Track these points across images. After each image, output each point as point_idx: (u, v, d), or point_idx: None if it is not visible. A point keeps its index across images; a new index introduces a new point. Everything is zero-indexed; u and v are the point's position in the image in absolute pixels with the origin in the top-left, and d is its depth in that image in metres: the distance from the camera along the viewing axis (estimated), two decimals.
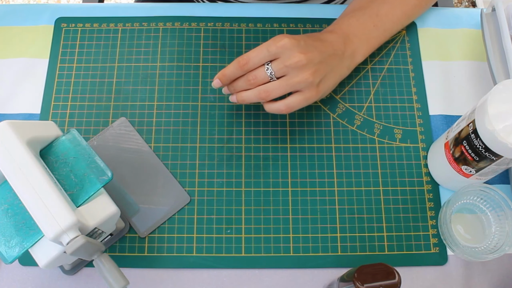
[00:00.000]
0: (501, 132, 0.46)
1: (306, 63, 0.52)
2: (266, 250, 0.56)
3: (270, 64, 0.52)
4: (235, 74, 0.54)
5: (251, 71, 0.53)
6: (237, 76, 0.54)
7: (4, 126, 0.45)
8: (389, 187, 0.60)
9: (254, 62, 0.52)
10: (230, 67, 0.54)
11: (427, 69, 0.66)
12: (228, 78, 0.54)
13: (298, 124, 0.62)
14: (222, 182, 0.59)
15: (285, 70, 0.52)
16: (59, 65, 0.64)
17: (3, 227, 0.46)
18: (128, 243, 0.56)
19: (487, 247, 0.56)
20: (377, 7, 0.61)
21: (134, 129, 0.61)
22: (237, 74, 0.54)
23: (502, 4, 0.60)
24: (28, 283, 0.54)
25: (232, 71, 0.54)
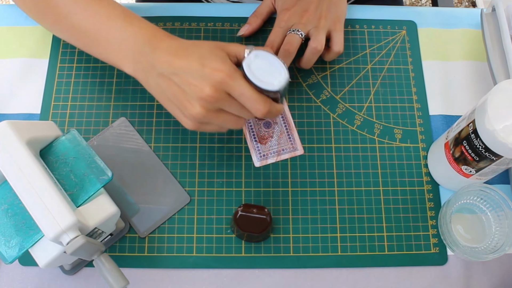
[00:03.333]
0: (501, 132, 0.46)
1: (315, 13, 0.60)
2: (266, 250, 0.56)
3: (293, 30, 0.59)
4: None
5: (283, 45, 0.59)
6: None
7: (4, 126, 0.45)
8: (389, 187, 0.60)
9: (278, 41, 0.59)
10: None
11: (427, 69, 0.66)
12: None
13: (298, 124, 0.62)
14: (222, 182, 0.59)
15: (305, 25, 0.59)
16: (59, 65, 0.64)
17: (3, 227, 0.46)
18: (128, 243, 0.56)
19: (487, 247, 0.56)
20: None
21: (134, 129, 0.61)
22: None
23: (502, 4, 0.60)
24: (28, 283, 0.54)
25: None
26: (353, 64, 0.66)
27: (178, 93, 0.46)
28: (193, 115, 0.46)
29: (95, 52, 0.54)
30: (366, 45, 0.67)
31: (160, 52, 0.48)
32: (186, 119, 0.48)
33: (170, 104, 0.49)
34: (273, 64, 0.46)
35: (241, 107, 0.47)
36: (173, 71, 0.46)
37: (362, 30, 0.68)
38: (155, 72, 0.48)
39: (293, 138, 0.56)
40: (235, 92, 0.45)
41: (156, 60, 0.47)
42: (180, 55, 0.46)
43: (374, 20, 0.68)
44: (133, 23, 0.51)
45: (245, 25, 0.65)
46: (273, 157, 0.58)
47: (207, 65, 0.45)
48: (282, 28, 0.60)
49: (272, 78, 0.46)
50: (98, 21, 0.52)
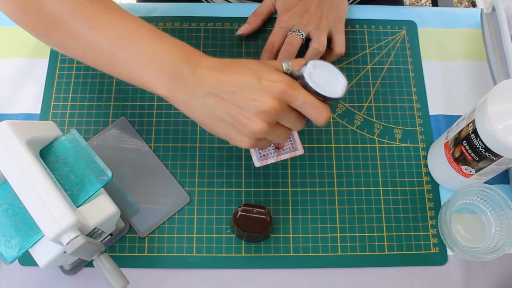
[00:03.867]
0: (501, 132, 0.46)
1: (315, 14, 0.61)
2: (266, 250, 0.56)
3: (293, 31, 0.60)
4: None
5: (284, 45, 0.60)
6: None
7: (4, 126, 0.45)
8: (389, 187, 0.60)
9: (278, 42, 0.60)
10: (262, 58, 0.61)
11: (427, 69, 0.66)
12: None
13: None
14: (222, 182, 0.59)
15: (306, 26, 0.60)
16: (59, 65, 0.64)
17: (3, 227, 0.46)
18: (128, 243, 0.56)
19: (487, 247, 0.56)
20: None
21: (134, 129, 0.61)
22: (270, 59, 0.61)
23: (502, 4, 0.60)
24: (28, 283, 0.54)
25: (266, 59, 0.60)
26: (353, 64, 0.66)
27: (233, 111, 0.43)
28: (254, 131, 0.44)
29: (120, 73, 0.47)
30: (366, 45, 0.67)
31: (204, 70, 0.44)
32: (243, 137, 0.45)
33: (221, 124, 0.45)
34: (331, 72, 0.46)
35: (297, 119, 0.45)
36: (224, 89, 0.43)
37: (362, 30, 0.68)
38: (201, 92, 0.44)
39: (293, 138, 0.56)
40: (299, 101, 0.44)
41: (201, 78, 0.44)
42: (228, 72, 0.44)
43: (374, 20, 0.68)
44: (166, 40, 0.46)
45: (244, 24, 0.65)
46: (273, 157, 0.58)
47: (263, 78, 0.43)
48: (283, 29, 0.61)
49: (334, 86, 0.45)
50: (126, 38, 0.46)
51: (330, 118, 0.47)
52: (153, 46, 0.46)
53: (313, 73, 0.45)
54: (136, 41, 0.46)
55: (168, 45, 0.46)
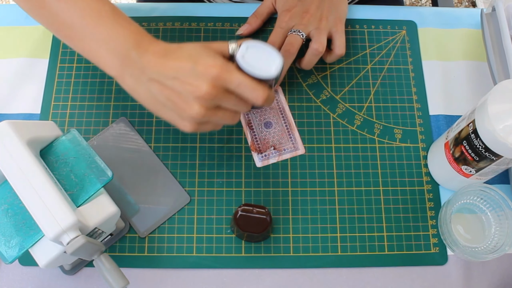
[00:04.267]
0: (501, 132, 0.46)
1: (315, 14, 0.60)
2: (266, 250, 0.56)
3: (294, 31, 0.59)
4: None
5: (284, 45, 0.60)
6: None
7: (4, 126, 0.45)
8: (389, 187, 0.60)
9: (279, 42, 0.60)
10: None
11: (427, 69, 0.66)
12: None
13: (298, 124, 0.62)
14: (222, 182, 0.59)
15: (306, 26, 0.60)
16: (59, 65, 0.64)
17: (3, 227, 0.46)
18: (128, 243, 0.56)
19: (487, 247, 0.56)
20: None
21: (134, 129, 0.61)
22: None
23: (502, 4, 0.60)
24: (28, 283, 0.54)
25: None
26: (353, 64, 0.66)
27: (173, 96, 0.45)
28: (192, 116, 0.45)
29: (77, 47, 0.50)
30: (366, 45, 0.67)
31: (149, 56, 0.46)
32: (184, 122, 0.47)
33: (163, 109, 0.47)
34: (265, 51, 0.46)
35: (238, 101, 0.46)
36: (165, 74, 0.45)
37: (362, 30, 0.68)
38: (145, 77, 0.46)
39: (294, 137, 0.56)
40: (233, 83, 0.44)
41: (146, 64, 0.46)
42: (170, 58, 0.45)
43: (374, 20, 0.68)
44: (122, 23, 0.48)
45: (244, 24, 0.65)
46: (275, 157, 0.58)
47: (199, 63, 0.44)
48: (283, 29, 0.61)
49: (268, 66, 0.45)
50: (86, 16, 0.48)
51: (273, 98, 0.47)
52: (109, 28, 0.48)
53: (247, 54, 0.45)
54: (94, 21, 0.48)
55: (123, 28, 0.48)
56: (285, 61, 0.59)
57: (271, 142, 0.59)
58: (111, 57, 0.48)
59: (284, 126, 0.60)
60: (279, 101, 0.63)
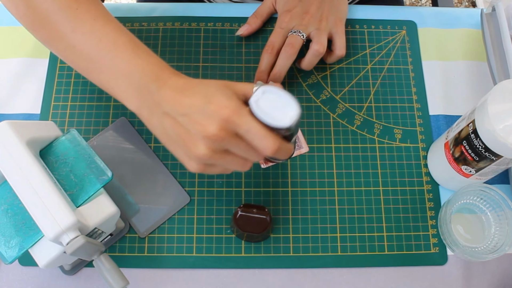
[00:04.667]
0: (501, 132, 0.46)
1: (316, 15, 0.61)
2: (266, 250, 0.56)
3: (294, 32, 0.59)
4: (270, 63, 0.60)
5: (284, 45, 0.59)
6: (272, 63, 0.61)
7: (4, 126, 0.45)
8: (389, 187, 0.60)
9: (279, 42, 0.60)
10: (263, 60, 0.60)
11: (427, 69, 0.66)
12: (265, 72, 0.61)
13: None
14: (222, 182, 0.59)
15: (306, 27, 0.60)
16: (59, 65, 0.64)
17: (3, 227, 0.46)
18: (128, 243, 0.56)
19: (487, 247, 0.56)
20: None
21: (134, 129, 0.61)
22: (271, 62, 0.61)
23: (502, 4, 0.60)
24: (28, 283, 0.54)
25: (266, 62, 0.60)
26: (353, 64, 0.66)
27: (182, 133, 0.43)
28: (198, 156, 0.43)
29: (95, 79, 0.49)
30: (366, 45, 0.67)
31: (167, 90, 0.44)
32: (190, 161, 0.44)
33: (173, 145, 0.45)
34: (282, 99, 0.42)
35: (248, 148, 0.43)
36: (178, 110, 0.43)
37: (362, 30, 0.68)
38: (160, 111, 0.44)
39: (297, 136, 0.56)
40: (242, 128, 0.41)
41: (162, 98, 0.44)
42: (186, 94, 0.43)
43: (374, 20, 0.68)
44: (141, 55, 0.47)
45: (244, 25, 0.65)
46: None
47: (212, 102, 0.41)
48: (283, 29, 0.61)
49: (283, 114, 0.41)
50: (103, 47, 0.47)
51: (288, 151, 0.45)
52: (127, 60, 0.46)
53: (262, 99, 0.42)
54: (112, 53, 0.47)
55: (142, 60, 0.46)
56: (285, 62, 0.59)
57: None
58: (130, 90, 0.46)
59: None
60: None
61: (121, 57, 0.47)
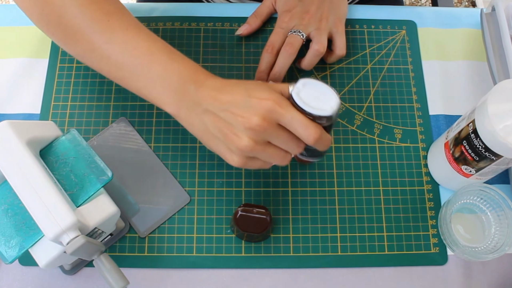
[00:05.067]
0: (501, 132, 0.46)
1: (316, 15, 0.60)
2: (266, 250, 0.56)
3: (294, 31, 0.59)
4: (270, 63, 0.60)
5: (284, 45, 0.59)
6: (272, 63, 0.60)
7: (4, 126, 0.45)
8: (389, 187, 0.60)
9: (279, 42, 0.60)
10: (263, 60, 0.60)
11: (427, 69, 0.66)
12: (265, 71, 0.60)
13: None
14: (222, 182, 0.59)
15: (306, 27, 0.60)
16: (59, 65, 0.64)
17: (3, 227, 0.46)
18: (128, 243, 0.56)
19: (487, 247, 0.56)
20: None
21: (134, 129, 0.61)
22: (271, 61, 0.60)
23: (502, 4, 0.60)
24: (28, 283, 0.54)
25: (266, 62, 0.60)
26: (353, 64, 0.66)
27: (224, 127, 0.44)
28: (241, 148, 0.44)
29: (132, 87, 0.50)
30: (366, 45, 0.67)
31: (205, 89, 0.46)
32: (233, 155, 0.45)
33: (215, 140, 0.47)
34: (322, 90, 0.45)
35: (290, 139, 0.45)
36: (219, 106, 0.44)
37: (362, 30, 0.68)
38: (200, 109, 0.46)
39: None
40: (285, 118, 0.43)
41: (201, 97, 0.46)
42: (226, 92, 0.45)
43: (374, 20, 0.68)
44: (176, 59, 0.48)
45: (244, 24, 0.65)
46: None
47: (253, 95, 0.43)
48: (283, 29, 0.60)
49: (324, 104, 0.44)
50: (139, 55, 0.48)
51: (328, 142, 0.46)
52: (164, 65, 0.48)
53: (302, 90, 0.44)
54: (148, 59, 0.48)
55: (178, 64, 0.48)
56: (285, 61, 0.59)
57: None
58: (168, 93, 0.48)
59: None
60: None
61: (157, 63, 0.48)
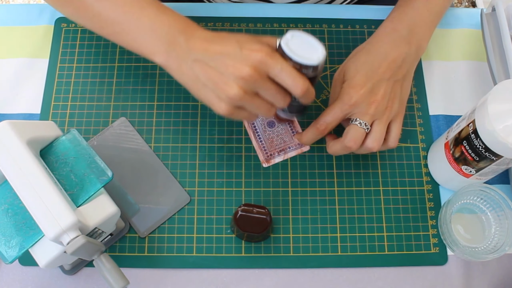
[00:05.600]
0: (501, 132, 0.46)
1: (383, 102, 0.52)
2: (266, 250, 0.56)
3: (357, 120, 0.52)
4: (315, 139, 0.55)
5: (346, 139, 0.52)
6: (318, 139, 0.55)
7: (4, 126, 0.45)
8: (389, 187, 0.60)
9: (333, 125, 0.53)
10: (309, 134, 0.54)
11: (427, 69, 0.66)
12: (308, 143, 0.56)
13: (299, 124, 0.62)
14: (222, 182, 0.59)
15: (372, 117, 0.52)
16: (59, 65, 0.64)
17: (3, 227, 0.46)
18: (128, 243, 0.56)
19: (487, 247, 0.56)
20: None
21: (134, 129, 0.61)
22: (317, 138, 0.55)
23: (502, 4, 0.60)
24: (28, 283, 0.54)
25: (312, 138, 0.55)
26: None
27: (214, 76, 0.46)
28: (230, 96, 0.45)
29: (123, 41, 0.52)
30: None
31: (196, 40, 0.47)
32: (221, 103, 0.46)
33: (204, 89, 0.47)
34: (309, 42, 0.47)
35: (277, 91, 0.46)
36: (210, 56, 0.46)
37: (362, 30, 0.68)
38: (190, 59, 0.47)
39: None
40: (275, 69, 0.44)
41: (192, 47, 0.47)
42: (217, 42, 0.46)
43: (374, 20, 0.68)
44: (166, 12, 0.50)
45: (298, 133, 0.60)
46: (280, 156, 0.58)
47: (245, 47, 0.45)
48: (343, 113, 0.52)
49: (311, 54, 0.46)
50: (129, 10, 0.50)
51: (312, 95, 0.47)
52: (153, 18, 0.50)
53: (291, 41, 0.46)
54: (138, 13, 0.50)
55: (167, 16, 0.50)
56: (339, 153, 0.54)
57: (275, 141, 0.59)
58: (158, 43, 0.49)
59: (287, 125, 0.60)
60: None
61: (147, 15, 0.50)
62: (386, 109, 0.52)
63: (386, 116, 0.52)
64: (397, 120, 0.54)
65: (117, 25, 0.51)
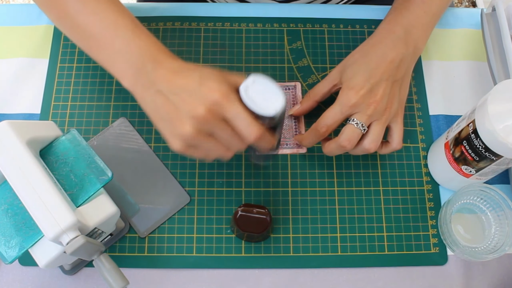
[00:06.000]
0: (501, 132, 0.46)
1: (382, 103, 0.52)
2: (266, 250, 0.56)
3: (354, 120, 0.51)
4: (315, 141, 0.56)
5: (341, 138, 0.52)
6: (318, 141, 0.56)
7: (4, 126, 0.45)
8: (389, 187, 0.60)
9: (333, 127, 0.53)
10: (309, 137, 0.55)
11: (427, 69, 0.66)
12: (309, 145, 0.57)
13: None
14: (222, 182, 0.59)
15: (370, 118, 0.52)
16: (59, 65, 0.64)
17: (3, 227, 0.46)
18: (128, 243, 0.56)
19: (487, 247, 0.56)
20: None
21: (134, 129, 0.61)
22: (317, 140, 0.56)
23: (502, 4, 0.60)
24: (28, 283, 0.54)
25: (312, 140, 0.56)
26: None
27: (171, 111, 0.45)
28: (182, 135, 0.44)
29: (96, 57, 0.52)
30: None
31: (162, 70, 0.47)
32: (175, 139, 0.46)
33: (161, 122, 0.47)
34: (271, 90, 0.44)
35: (232, 135, 0.45)
36: (171, 89, 0.45)
37: (362, 30, 0.68)
38: (154, 89, 0.46)
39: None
40: (229, 113, 0.43)
41: (157, 77, 0.46)
42: (181, 75, 0.46)
43: (374, 20, 0.68)
44: (140, 36, 0.49)
45: (296, 105, 0.60)
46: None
47: (204, 84, 0.44)
48: (343, 114, 0.52)
49: (269, 104, 0.43)
50: (105, 28, 0.50)
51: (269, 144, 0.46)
52: (127, 40, 0.49)
53: (251, 87, 0.44)
54: (112, 33, 0.50)
55: (140, 41, 0.49)
56: (334, 152, 0.54)
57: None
58: (126, 67, 0.49)
59: (292, 122, 0.60)
60: (295, 96, 0.62)
61: (121, 37, 0.49)
62: (385, 109, 0.52)
63: (385, 117, 0.52)
64: (398, 121, 0.54)
65: (92, 40, 0.51)
